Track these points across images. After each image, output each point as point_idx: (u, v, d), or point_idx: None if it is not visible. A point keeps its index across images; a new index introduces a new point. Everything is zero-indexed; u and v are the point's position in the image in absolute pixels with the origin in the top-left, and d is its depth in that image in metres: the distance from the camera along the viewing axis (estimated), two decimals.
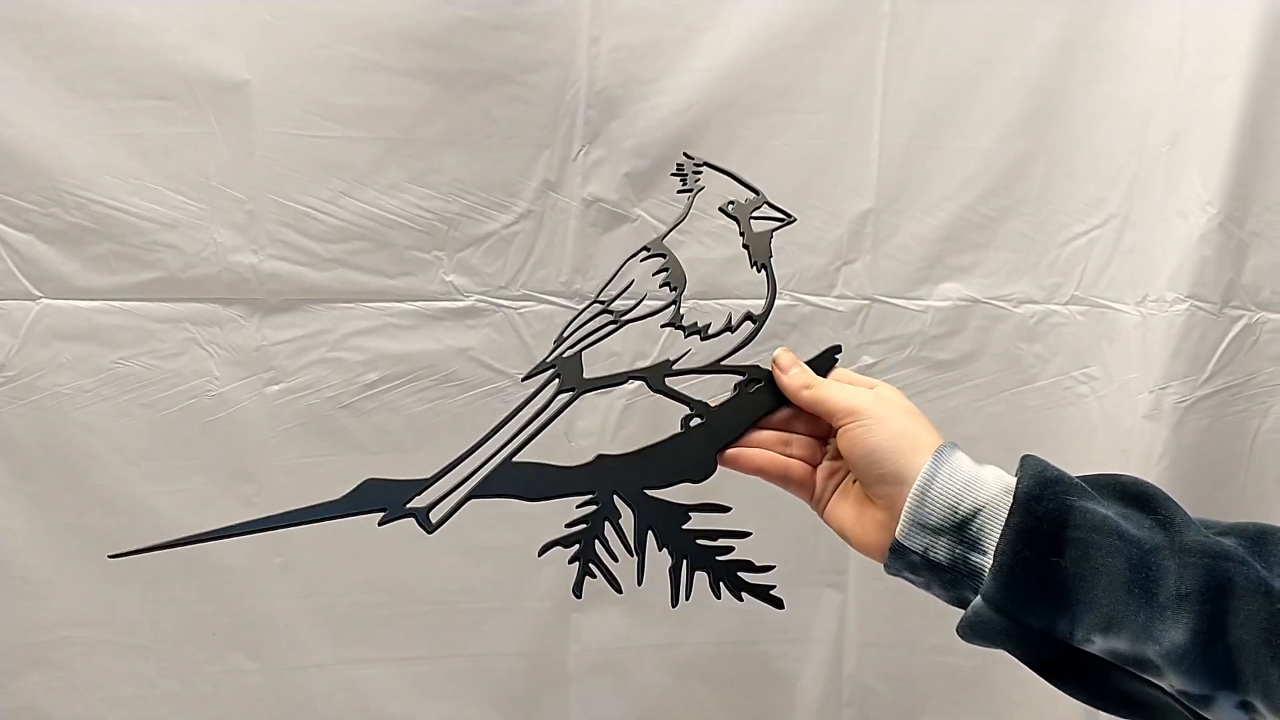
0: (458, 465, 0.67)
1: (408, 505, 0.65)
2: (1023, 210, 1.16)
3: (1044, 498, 0.55)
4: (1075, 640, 0.53)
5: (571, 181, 1.10)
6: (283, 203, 1.05)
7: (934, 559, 0.57)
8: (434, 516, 0.65)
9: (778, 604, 0.69)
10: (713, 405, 0.70)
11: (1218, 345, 1.10)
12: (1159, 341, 1.11)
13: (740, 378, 0.71)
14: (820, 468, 0.67)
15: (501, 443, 0.69)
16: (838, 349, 0.69)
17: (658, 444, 0.70)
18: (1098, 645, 0.52)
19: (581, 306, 0.75)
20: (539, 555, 0.66)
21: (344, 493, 0.68)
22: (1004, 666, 1.23)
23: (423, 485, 0.66)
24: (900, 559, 0.59)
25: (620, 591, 0.65)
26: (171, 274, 1.05)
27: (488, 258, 1.11)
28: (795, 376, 0.66)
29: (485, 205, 1.09)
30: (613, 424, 1.16)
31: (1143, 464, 1.11)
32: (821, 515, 0.66)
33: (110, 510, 1.08)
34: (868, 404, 0.62)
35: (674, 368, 0.74)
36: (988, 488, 0.57)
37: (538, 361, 0.72)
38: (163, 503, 1.08)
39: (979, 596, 0.55)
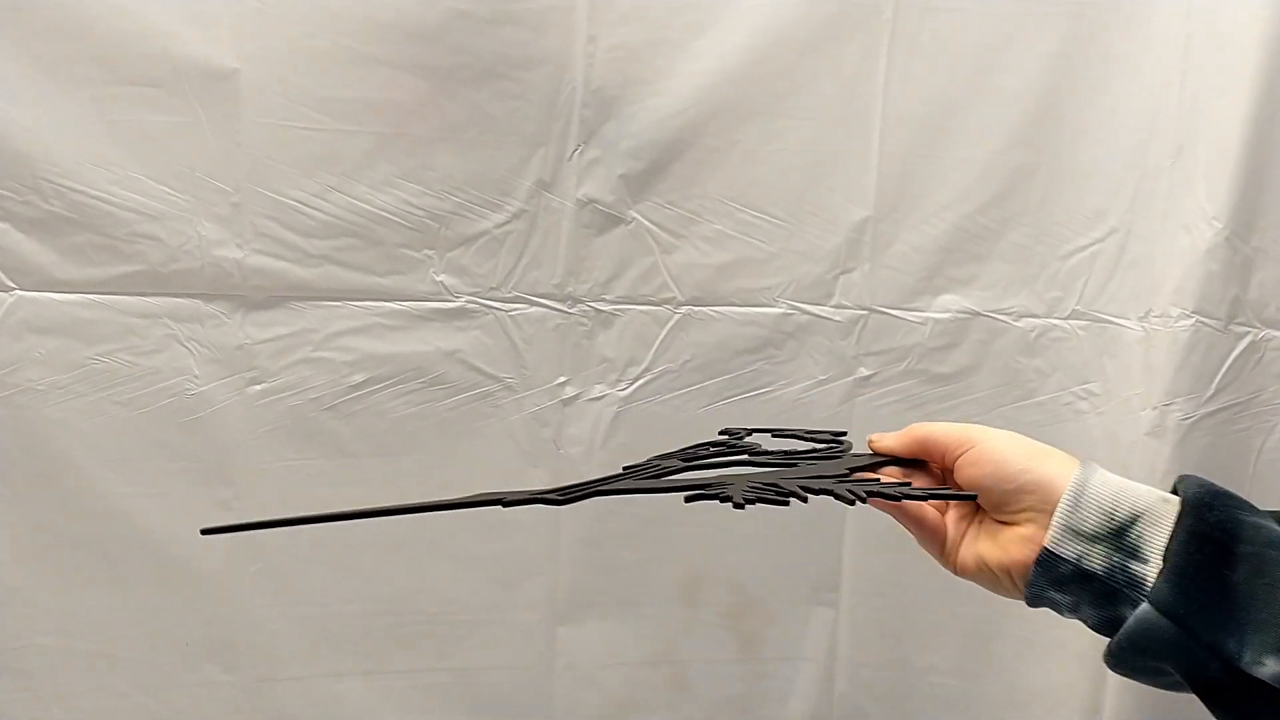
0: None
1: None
2: (1023, 222, 1.14)
3: (1214, 506, 0.53)
4: (1243, 663, 0.50)
5: (566, 182, 1.08)
6: (269, 196, 1.03)
7: (1088, 568, 0.54)
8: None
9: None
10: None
11: (1222, 362, 1.08)
12: (1163, 357, 1.09)
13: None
14: (949, 515, 0.65)
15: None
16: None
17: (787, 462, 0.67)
18: (1269, 669, 0.49)
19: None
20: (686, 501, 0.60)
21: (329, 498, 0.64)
22: (998, 689, 1.21)
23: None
24: (1048, 572, 0.56)
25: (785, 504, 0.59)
26: (152, 267, 1.02)
27: (479, 258, 1.08)
28: (885, 435, 0.66)
29: (477, 204, 1.07)
30: (603, 432, 1.13)
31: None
32: (953, 565, 0.64)
33: (82, 513, 1.04)
34: (975, 427, 0.61)
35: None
36: (1143, 495, 0.54)
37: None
38: (137, 506, 1.05)
39: (1146, 603, 0.52)
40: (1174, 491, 0.55)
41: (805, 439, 0.72)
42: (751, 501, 0.57)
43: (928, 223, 1.14)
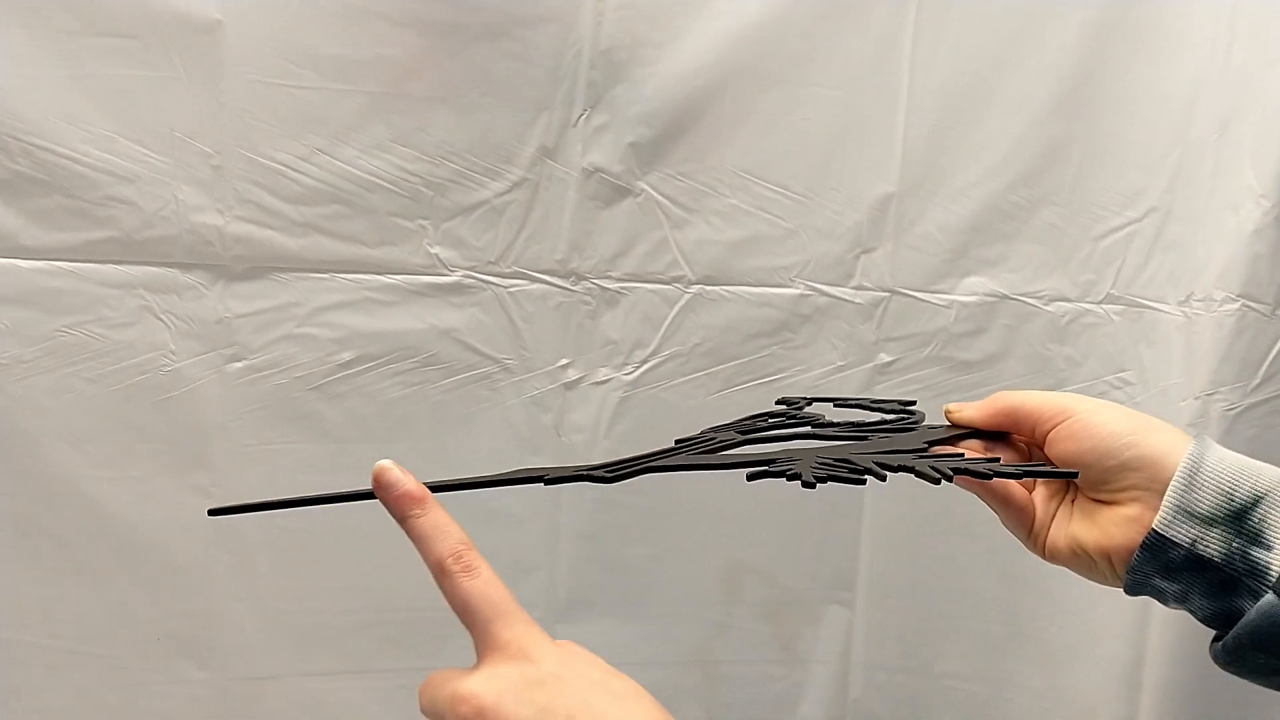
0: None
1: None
2: (1055, 200, 1.08)
3: None
4: None
5: (571, 149, 1.01)
6: (253, 159, 0.95)
7: (1203, 553, 0.49)
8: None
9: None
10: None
11: (1270, 349, 1.02)
12: (1206, 344, 1.02)
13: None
14: (1036, 494, 0.59)
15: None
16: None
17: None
18: None
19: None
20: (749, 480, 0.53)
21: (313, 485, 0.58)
22: (1021, 698, 1.15)
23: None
24: (1156, 558, 0.50)
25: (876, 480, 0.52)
26: (126, 234, 0.95)
27: (477, 229, 1.01)
28: (965, 404, 0.61)
29: (476, 171, 1.00)
30: (607, 418, 1.07)
31: None
32: (1041, 548, 0.59)
33: (45, 497, 0.97)
34: (1070, 395, 0.56)
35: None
36: (1266, 474, 0.49)
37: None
38: (105, 490, 0.98)
39: (1271, 594, 0.47)
40: None
41: (872, 408, 0.66)
42: (823, 480, 0.51)
43: (955, 200, 1.07)
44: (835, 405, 0.68)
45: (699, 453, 0.58)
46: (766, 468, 0.53)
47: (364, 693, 1.07)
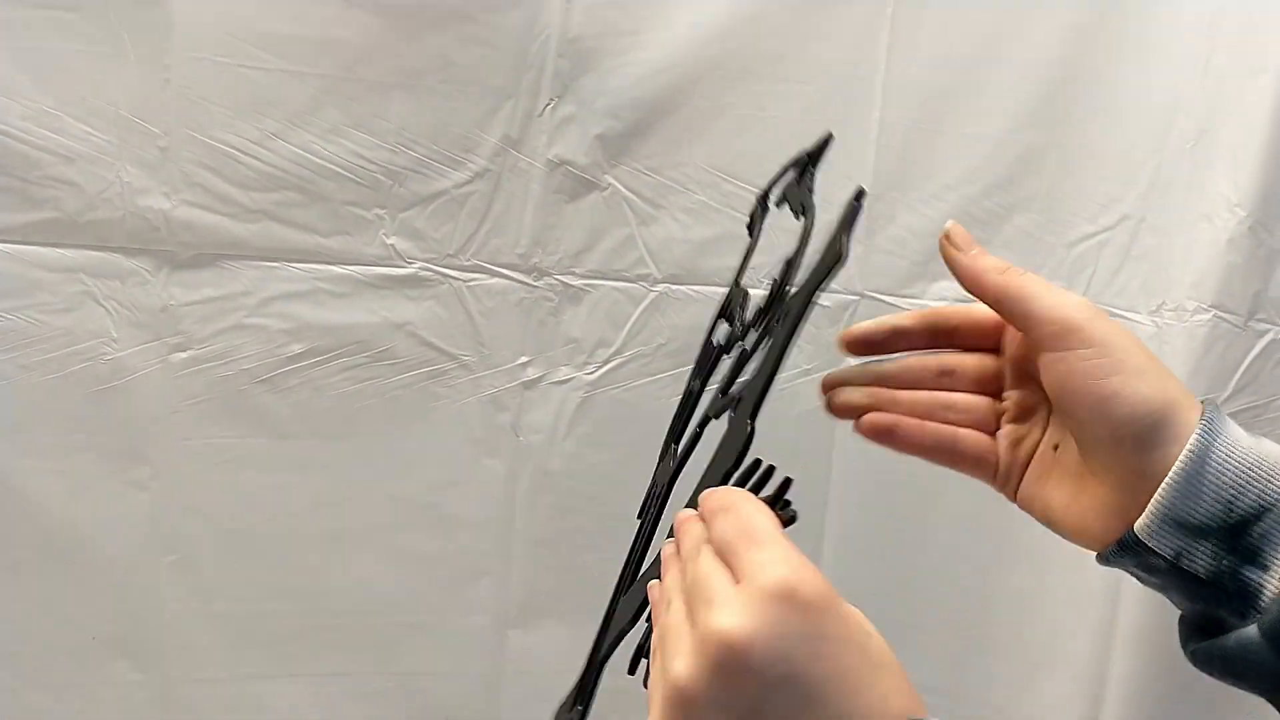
0: None
1: None
2: (1030, 207, 1.05)
3: None
4: None
5: (535, 140, 0.98)
6: (203, 141, 0.92)
7: (1188, 568, 0.42)
8: None
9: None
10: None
11: (1242, 360, 1.00)
12: (1177, 354, 1.01)
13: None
14: (1002, 434, 0.50)
15: None
16: (861, 192, 0.50)
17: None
18: None
19: None
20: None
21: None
22: (986, 707, 1.13)
23: None
24: (1134, 557, 0.43)
25: None
26: (67, 215, 0.91)
27: (435, 220, 0.97)
28: (978, 257, 0.48)
29: (436, 160, 0.96)
30: (567, 419, 1.04)
31: None
32: (1012, 495, 0.50)
33: None
34: (1096, 318, 0.44)
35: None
36: (1277, 480, 0.41)
37: None
38: (35, 483, 0.94)
39: (1254, 628, 0.41)
40: None
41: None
42: None
43: (928, 204, 1.05)
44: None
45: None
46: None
47: (308, 697, 1.04)
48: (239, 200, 0.93)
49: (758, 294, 0.57)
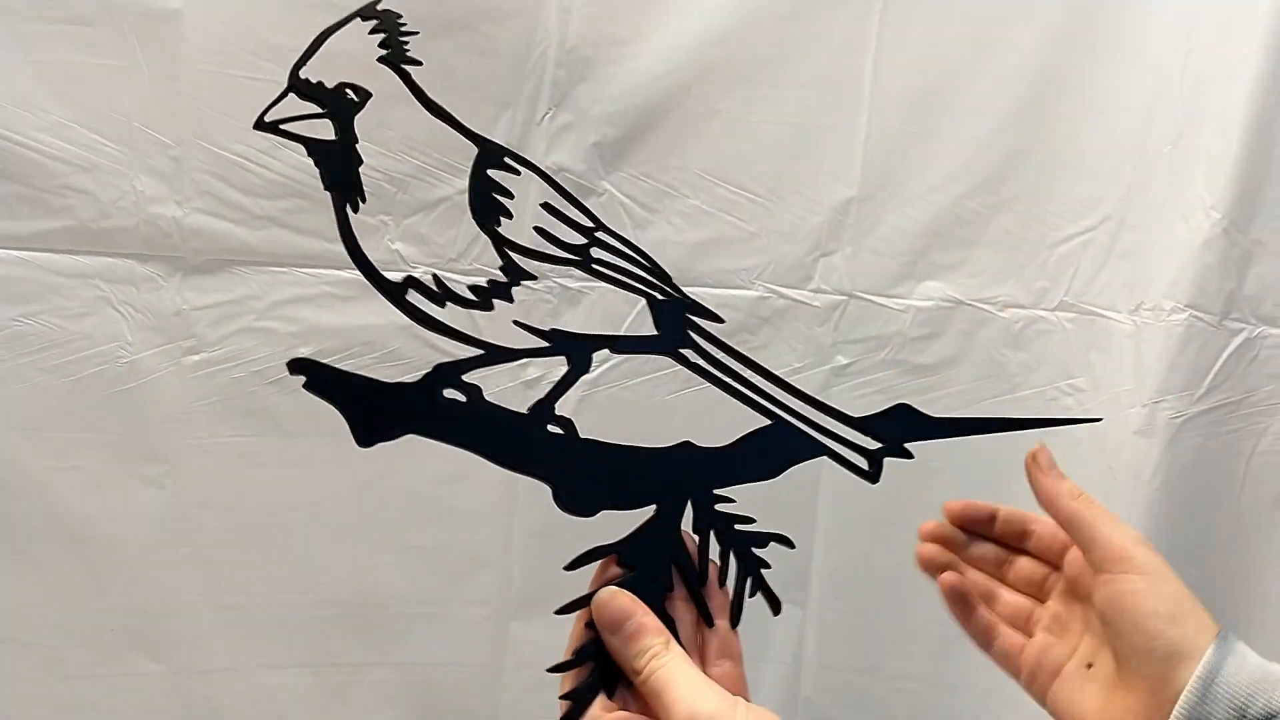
0: None
1: None
2: (1014, 208, 1.08)
3: None
4: None
5: (535, 147, 1.01)
6: (212, 150, 0.95)
7: None
8: None
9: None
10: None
11: (1216, 359, 1.03)
12: (1154, 352, 1.04)
13: None
14: (1035, 641, 0.57)
15: None
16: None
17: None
18: None
19: None
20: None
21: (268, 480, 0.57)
22: (972, 699, 1.16)
23: None
24: None
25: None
26: (83, 224, 0.94)
27: (439, 226, 1.01)
28: (1058, 481, 0.56)
29: (438, 167, 0.99)
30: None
31: (1132, 482, 1.04)
32: (1040, 700, 0.57)
33: None
34: (1146, 549, 0.52)
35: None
36: None
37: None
38: (55, 480, 0.97)
39: None
40: None
41: None
42: None
43: (914, 205, 1.08)
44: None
45: None
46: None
47: (315, 687, 1.07)
48: (248, 208, 0.97)
49: None
